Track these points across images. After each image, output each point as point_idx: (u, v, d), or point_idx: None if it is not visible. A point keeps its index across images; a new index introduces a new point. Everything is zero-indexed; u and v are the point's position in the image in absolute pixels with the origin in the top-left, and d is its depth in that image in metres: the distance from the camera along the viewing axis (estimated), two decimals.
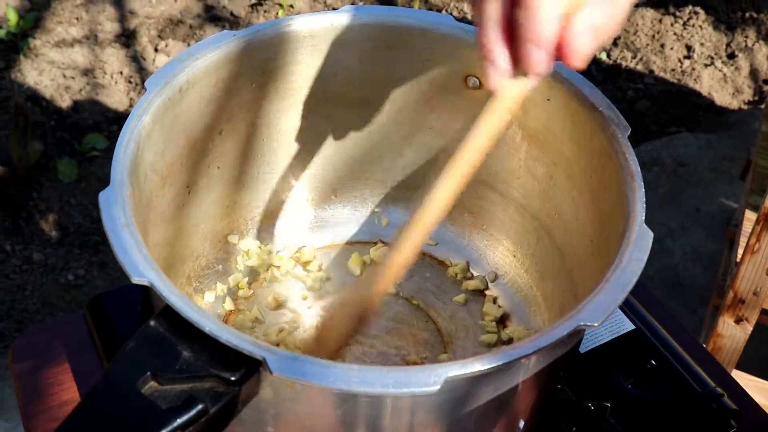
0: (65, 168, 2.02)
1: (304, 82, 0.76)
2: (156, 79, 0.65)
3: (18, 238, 1.89)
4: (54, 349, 0.87)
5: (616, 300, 0.53)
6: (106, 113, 2.17)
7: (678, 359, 0.80)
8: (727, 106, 2.39)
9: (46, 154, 2.03)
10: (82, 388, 0.84)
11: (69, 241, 1.90)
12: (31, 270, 1.85)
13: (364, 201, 0.86)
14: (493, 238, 0.82)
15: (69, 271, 1.85)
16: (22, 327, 1.75)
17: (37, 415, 0.82)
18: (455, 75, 0.76)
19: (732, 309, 1.35)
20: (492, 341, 0.78)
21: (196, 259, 0.77)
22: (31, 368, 0.86)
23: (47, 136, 2.08)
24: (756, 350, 1.60)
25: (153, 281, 0.52)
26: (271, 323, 0.77)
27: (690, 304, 1.88)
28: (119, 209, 0.55)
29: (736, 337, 1.38)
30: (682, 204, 2.10)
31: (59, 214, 1.94)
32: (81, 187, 2.00)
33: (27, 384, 0.85)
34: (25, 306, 1.79)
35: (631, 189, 0.60)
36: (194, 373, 0.50)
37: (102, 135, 2.11)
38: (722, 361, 1.42)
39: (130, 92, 2.23)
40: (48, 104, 2.16)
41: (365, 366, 0.48)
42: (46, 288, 1.82)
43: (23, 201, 1.95)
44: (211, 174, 0.74)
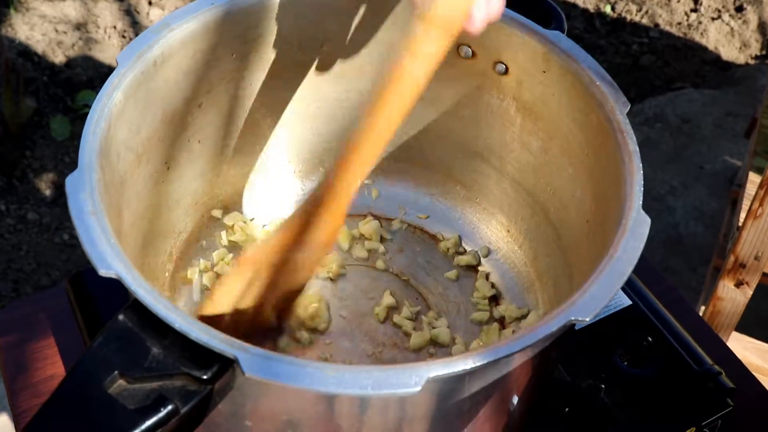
0: (58, 126, 1.99)
1: (287, 51, 0.73)
2: (128, 53, 0.61)
3: (12, 197, 1.87)
4: (38, 323, 0.86)
5: (609, 293, 0.50)
6: (100, 69, 2.13)
7: (675, 336, 0.78)
8: (734, 61, 2.33)
9: (39, 111, 2.00)
10: (67, 362, 0.82)
11: (63, 200, 1.87)
12: (26, 230, 1.83)
13: None
14: (486, 212, 0.79)
15: (64, 230, 1.83)
16: (18, 287, 1.74)
17: (22, 390, 0.81)
18: None
19: (733, 273, 1.33)
20: (484, 319, 0.75)
21: (179, 235, 0.75)
22: (15, 343, 0.85)
23: (40, 92, 2.04)
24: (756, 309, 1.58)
25: (121, 274, 0.49)
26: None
27: (691, 262, 1.86)
28: (86, 195, 0.52)
29: (736, 301, 1.36)
30: (685, 161, 2.07)
31: (53, 172, 1.92)
32: (75, 145, 1.97)
33: (11, 359, 0.84)
34: (20, 266, 1.77)
35: (629, 171, 0.57)
36: (164, 371, 0.47)
37: (95, 92, 2.07)
38: (722, 323, 1.40)
39: (123, 47, 2.19)
40: (40, 60, 2.11)
41: (342, 366, 0.46)
42: (42, 248, 1.80)
43: (17, 159, 1.92)
44: (192, 148, 0.71)
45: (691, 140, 2.11)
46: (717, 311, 1.38)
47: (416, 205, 0.82)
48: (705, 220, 1.94)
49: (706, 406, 0.72)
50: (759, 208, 1.24)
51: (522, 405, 0.60)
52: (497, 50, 0.69)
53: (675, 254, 1.87)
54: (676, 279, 1.82)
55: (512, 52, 0.68)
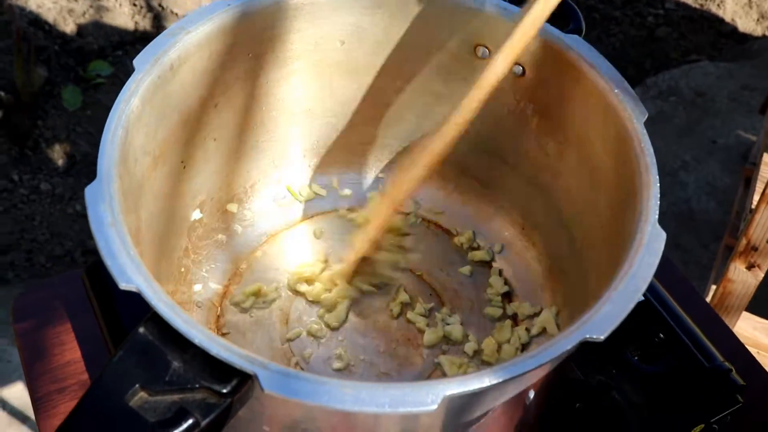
0: (70, 96, 1.99)
1: (303, 50, 0.73)
2: (144, 58, 0.61)
3: (25, 167, 1.88)
4: (54, 309, 0.87)
5: (623, 311, 0.51)
6: (111, 37, 2.13)
7: (686, 332, 0.78)
8: (751, 33, 2.31)
9: (51, 81, 2.00)
10: (84, 348, 0.84)
11: (76, 170, 1.89)
12: (39, 200, 1.84)
13: (368, 166, 0.83)
14: (501, 209, 0.80)
15: (77, 201, 1.84)
16: (32, 257, 1.75)
17: (41, 376, 0.82)
18: (464, 44, 0.72)
19: (744, 255, 1.33)
20: (496, 315, 0.76)
21: (194, 230, 0.75)
22: (33, 328, 0.86)
23: (51, 61, 2.04)
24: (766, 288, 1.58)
25: (141, 288, 0.50)
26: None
27: (702, 239, 1.86)
28: (106, 207, 0.53)
29: (747, 283, 1.36)
30: (698, 135, 2.05)
31: (66, 142, 1.92)
32: (87, 115, 1.97)
33: (29, 344, 0.85)
34: (34, 236, 1.78)
35: (645, 184, 0.57)
36: (185, 384, 0.48)
37: (106, 61, 2.07)
38: (732, 305, 1.41)
39: (135, 15, 2.17)
40: (51, 28, 2.11)
41: (359, 383, 0.47)
42: (55, 218, 1.81)
43: (29, 129, 1.92)
44: (207, 147, 0.72)
45: (705, 114, 2.10)
46: (727, 292, 1.38)
47: (432, 199, 0.83)
48: (717, 195, 1.93)
49: (715, 403, 0.73)
50: None
51: (534, 410, 0.61)
52: None
53: (686, 230, 1.86)
54: (687, 255, 1.82)
55: (529, 54, 0.68)
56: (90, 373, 0.81)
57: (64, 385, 0.81)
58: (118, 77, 2.05)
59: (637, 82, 2.16)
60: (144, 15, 2.18)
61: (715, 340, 0.79)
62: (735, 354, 0.84)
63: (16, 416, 1.53)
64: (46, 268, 1.74)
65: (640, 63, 2.22)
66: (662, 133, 2.06)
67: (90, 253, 1.76)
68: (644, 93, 2.15)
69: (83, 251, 1.77)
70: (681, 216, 1.90)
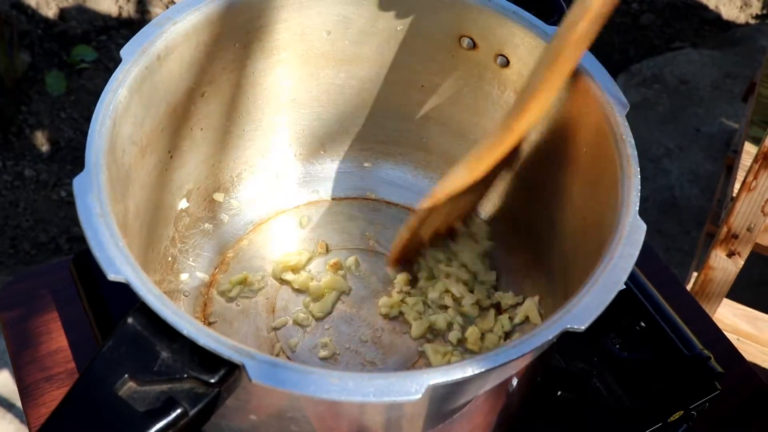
0: (54, 81, 1.97)
1: (290, 40, 0.73)
2: (131, 48, 0.61)
3: (9, 153, 1.87)
4: (41, 297, 0.87)
5: (603, 302, 0.52)
6: (95, 22, 2.11)
7: (667, 320, 0.80)
8: (734, 20, 2.32)
9: (34, 66, 1.99)
10: (71, 336, 0.84)
11: (60, 156, 1.88)
12: (23, 186, 1.83)
13: (353, 156, 0.84)
14: (485, 198, 0.80)
15: (61, 187, 1.84)
16: (16, 244, 1.75)
17: (28, 364, 0.83)
18: (448, 35, 0.72)
19: (725, 243, 1.35)
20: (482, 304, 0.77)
21: (181, 220, 0.76)
22: (20, 317, 0.86)
23: (34, 46, 2.02)
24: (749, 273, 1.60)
25: (130, 279, 0.50)
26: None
27: (685, 225, 1.88)
28: (94, 198, 0.53)
29: (728, 270, 1.38)
30: (682, 123, 2.07)
31: (49, 128, 1.91)
32: (71, 101, 1.96)
33: (16, 333, 0.85)
34: (18, 223, 1.78)
35: (627, 174, 0.58)
36: (173, 374, 0.49)
37: (90, 46, 2.05)
38: (713, 292, 1.42)
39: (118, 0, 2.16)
40: (34, 13, 2.09)
41: (345, 373, 0.48)
42: (39, 204, 1.81)
43: (13, 115, 1.91)
44: (194, 136, 0.72)
45: (689, 102, 2.11)
46: (708, 279, 1.40)
47: (416, 187, 0.83)
48: (700, 182, 1.95)
49: (694, 390, 0.75)
50: (753, 181, 1.25)
51: (516, 398, 0.62)
52: (499, 43, 0.70)
53: (669, 217, 1.88)
54: (670, 242, 1.84)
55: (514, 45, 0.69)
56: (77, 361, 0.81)
57: (51, 374, 0.81)
58: (102, 62, 2.04)
59: (622, 69, 2.17)
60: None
61: (695, 329, 0.80)
62: (714, 342, 0.85)
63: (1, 404, 1.53)
64: (31, 255, 1.74)
65: (624, 50, 2.23)
66: (646, 120, 2.07)
67: (75, 240, 1.76)
68: (628, 80, 2.16)
69: (68, 238, 1.76)
70: (664, 203, 1.92)
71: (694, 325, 0.80)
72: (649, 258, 0.92)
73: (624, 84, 2.14)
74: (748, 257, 1.35)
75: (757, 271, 1.74)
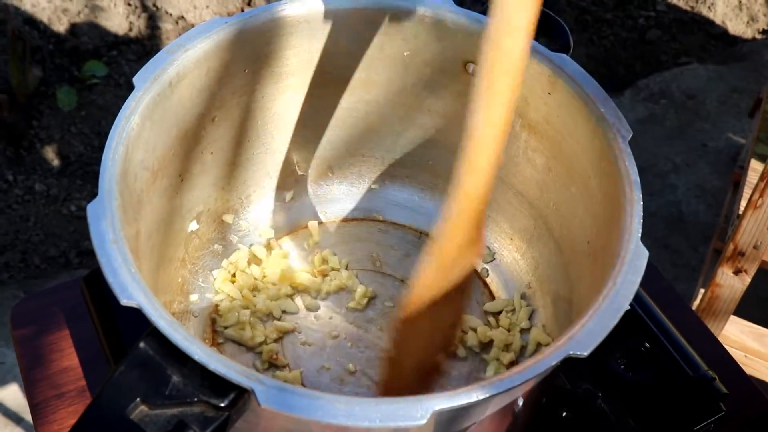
0: (65, 96, 1.99)
1: (298, 65, 0.74)
2: (144, 75, 0.63)
3: (20, 167, 1.89)
4: (53, 315, 0.88)
5: (606, 328, 0.52)
6: (106, 37, 2.13)
7: (672, 341, 0.80)
8: (741, 35, 2.33)
9: (46, 81, 2.01)
10: (81, 354, 0.85)
11: (71, 170, 1.90)
12: (33, 200, 1.85)
13: (361, 178, 0.85)
14: (491, 219, 0.82)
15: (71, 201, 1.85)
16: (26, 258, 1.76)
17: (40, 382, 0.83)
18: (454, 60, 0.73)
19: (731, 260, 1.35)
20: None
21: (191, 241, 0.77)
22: (32, 335, 0.87)
23: (46, 61, 2.05)
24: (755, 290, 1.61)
25: (142, 304, 0.51)
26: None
27: (692, 241, 1.88)
28: (108, 224, 0.54)
29: (734, 288, 1.38)
30: (688, 138, 2.08)
31: (60, 143, 1.93)
32: (81, 116, 1.98)
33: (28, 351, 0.86)
34: (28, 237, 1.79)
35: (629, 201, 0.59)
36: (184, 398, 0.50)
37: (101, 62, 2.07)
38: (720, 309, 1.43)
39: (129, 15, 2.18)
40: (46, 28, 2.11)
41: (352, 399, 0.49)
42: (49, 219, 1.82)
43: (24, 130, 1.93)
44: (205, 160, 0.73)
45: (696, 117, 2.12)
46: (715, 297, 1.40)
47: (422, 209, 0.85)
48: (707, 198, 1.95)
49: (699, 412, 0.75)
50: (759, 199, 1.26)
51: (521, 419, 0.63)
52: None
53: (676, 232, 1.89)
54: (677, 257, 1.84)
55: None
56: (87, 379, 0.82)
57: (62, 391, 0.82)
58: (112, 78, 2.06)
59: (628, 85, 2.18)
60: (139, 15, 2.19)
61: (700, 349, 0.81)
62: (720, 362, 0.86)
63: (10, 417, 1.54)
64: (41, 269, 1.76)
65: (631, 65, 2.24)
66: (653, 135, 2.08)
67: (84, 254, 1.77)
68: (635, 95, 2.17)
69: (78, 252, 1.78)
70: (671, 218, 1.92)
71: (699, 344, 0.81)
72: (653, 278, 0.92)
73: (631, 99, 2.15)
74: (755, 274, 1.35)
75: (764, 287, 1.74)
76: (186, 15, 2.20)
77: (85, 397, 0.81)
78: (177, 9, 2.21)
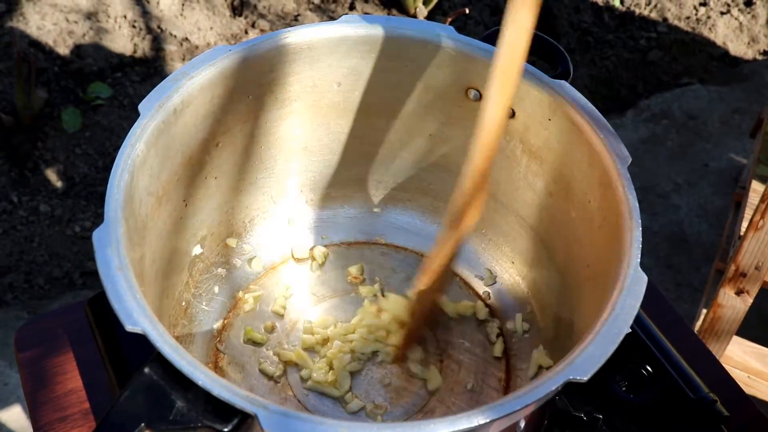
0: (69, 118, 2.01)
1: (301, 92, 0.75)
2: (149, 103, 0.64)
3: (24, 189, 1.90)
4: (57, 338, 0.89)
5: (605, 353, 0.53)
6: (110, 59, 2.15)
7: (672, 364, 0.81)
8: (742, 56, 2.34)
9: (50, 103, 2.02)
10: (86, 377, 0.85)
11: (75, 192, 1.91)
12: (37, 221, 1.86)
13: (363, 202, 0.86)
14: (492, 243, 0.82)
15: (76, 222, 1.86)
16: (31, 278, 1.77)
17: (44, 404, 0.84)
18: (456, 86, 0.74)
19: (733, 281, 1.36)
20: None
21: (195, 265, 0.77)
22: (36, 357, 0.87)
23: (51, 83, 2.06)
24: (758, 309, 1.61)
25: (147, 330, 0.52)
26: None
27: (694, 261, 1.88)
28: (113, 251, 0.55)
29: (736, 308, 1.39)
30: (690, 158, 2.08)
31: (65, 164, 1.94)
32: (86, 137, 1.99)
33: (32, 373, 0.87)
34: (32, 258, 1.80)
35: (628, 227, 0.59)
36: (188, 423, 0.51)
37: (106, 83, 2.09)
38: (722, 329, 1.43)
39: (134, 37, 2.20)
40: (51, 50, 2.13)
41: (355, 424, 0.49)
42: (54, 240, 1.83)
43: (29, 151, 1.94)
44: (209, 185, 0.74)
45: (697, 137, 2.13)
46: (717, 317, 1.40)
47: (424, 232, 0.85)
48: (709, 218, 1.96)
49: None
50: (760, 221, 1.26)
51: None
52: None
53: (678, 252, 1.89)
54: (680, 277, 1.84)
55: (519, 97, 0.71)
56: (91, 402, 0.83)
57: (66, 414, 0.82)
58: (117, 99, 2.08)
59: (630, 105, 2.19)
60: (143, 37, 2.21)
61: (701, 371, 0.81)
62: (721, 384, 0.86)
63: None
64: (45, 290, 1.76)
65: (632, 86, 2.25)
66: (654, 155, 2.09)
67: (88, 275, 1.78)
68: (637, 115, 2.18)
69: (82, 273, 1.79)
70: (673, 238, 1.92)
71: (700, 367, 0.81)
72: (654, 299, 0.92)
73: (633, 119, 2.16)
74: (757, 294, 1.36)
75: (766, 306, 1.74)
76: (190, 37, 2.22)
77: (89, 420, 0.81)
78: (181, 31, 2.23)
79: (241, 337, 0.77)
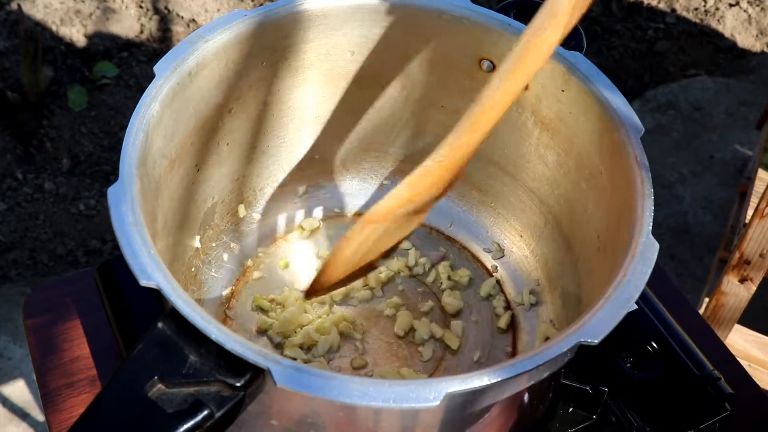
0: (76, 96, 2.01)
1: (315, 60, 0.75)
2: (164, 64, 0.64)
3: (29, 166, 1.90)
4: (65, 305, 0.89)
5: (616, 317, 0.53)
6: (117, 39, 2.15)
7: (678, 341, 0.81)
8: (750, 49, 2.34)
9: (57, 81, 2.02)
10: (93, 344, 0.86)
11: (80, 170, 1.91)
12: (42, 199, 1.86)
13: (373, 173, 0.86)
14: (501, 216, 0.82)
15: (80, 200, 1.86)
16: (35, 255, 1.77)
17: (51, 370, 0.84)
18: (469, 57, 0.74)
19: (737, 269, 1.36)
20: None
21: (205, 232, 0.78)
22: (44, 324, 0.88)
23: (57, 62, 2.06)
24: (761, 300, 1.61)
25: (161, 285, 0.52)
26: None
27: (697, 252, 1.89)
28: (128, 207, 0.55)
29: (740, 296, 1.39)
30: (695, 149, 2.08)
31: (70, 142, 1.94)
32: (92, 116, 1.99)
33: (40, 340, 0.87)
34: (37, 235, 1.80)
35: (641, 195, 0.59)
36: (200, 377, 0.51)
37: (112, 63, 2.09)
38: (725, 317, 1.43)
39: (141, 18, 2.20)
40: (58, 29, 2.13)
41: (367, 379, 0.49)
42: (58, 217, 1.83)
43: (34, 128, 1.94)
44: (221, 151, 0.74)
45: (703, 128, 2.13)
46: (720, 305, 1.41)
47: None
48: (713, 209, 1.96)
49: (704, 410, 0.76)
50: (766, 208, 1.27)
51: (529, 414, 0.64)
52: None
53: (682, 243, 1.89)
54: (682, 268, 1.85)
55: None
56: (98, 368, 0.83)
57: (73, 380, 0.83)
58: (123, 79, 2.08)
59: (637, 95, 2.19)
60: (150, 17, 2.21)
61: (705, 350, 0.81)
62: (725, 363, 0.86)
63: (16, 413, 1.55)
64: (49, 267, 1.76)
65: (639, 76, 2.25)
66: (660, 146, 2.09)
67: (92, 253, 1.78)
68: (643, 106, 2.18)
69: (86, 251, 1.79)
70: (677, 229, 1.93)
71: (704, 346, 0.81)
72: (661, 279, 0.93)
73: (639, 110, 2.16)
74: (761, 285, 1.36)
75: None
76: (197, 18, 2.22)
77: (96, 386, 0.81)
78: (188, 12, 2.23)
79: (249, 304, 0.78)
